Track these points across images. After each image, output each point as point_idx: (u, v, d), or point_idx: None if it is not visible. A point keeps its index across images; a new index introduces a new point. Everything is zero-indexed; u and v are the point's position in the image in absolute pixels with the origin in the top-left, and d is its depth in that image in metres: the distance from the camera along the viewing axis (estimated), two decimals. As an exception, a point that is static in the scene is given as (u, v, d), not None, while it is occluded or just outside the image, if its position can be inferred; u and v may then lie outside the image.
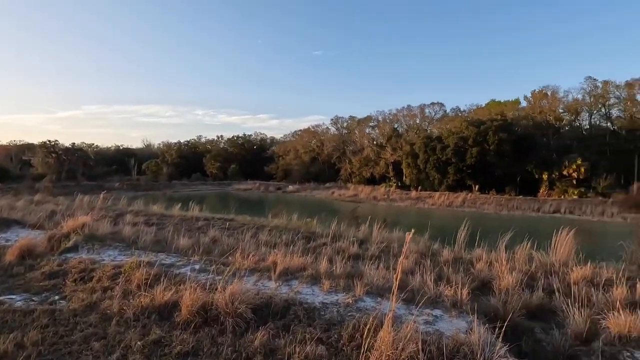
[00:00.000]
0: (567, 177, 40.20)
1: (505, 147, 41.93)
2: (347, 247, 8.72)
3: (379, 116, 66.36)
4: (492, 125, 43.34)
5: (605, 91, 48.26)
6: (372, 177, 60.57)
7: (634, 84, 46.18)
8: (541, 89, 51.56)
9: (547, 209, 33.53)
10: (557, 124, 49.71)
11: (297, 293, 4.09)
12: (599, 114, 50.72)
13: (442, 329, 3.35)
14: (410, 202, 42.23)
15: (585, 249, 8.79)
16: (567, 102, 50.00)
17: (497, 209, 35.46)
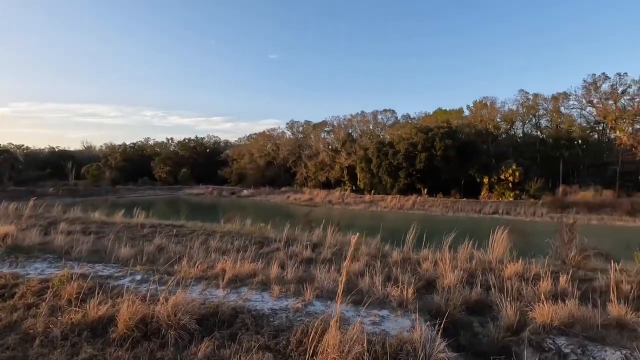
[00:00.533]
0: (504, 180, 43.74)
1: (451, 152, 44.67)
2: (301, 252, 8.71)
3: (334, 121, 67.52)
4: (438, 132, 45.98)
5: (535, 103, 53.43)
6: (328, 181, 61.29)
7: (558, 97, 51.65)
8: (481, 99, 55.84)
9: (487, 210, 36.20)
10: (495, 132, 54.02)
11: (246, 300, 3.99)
12: (530, 124, 56.03)
13: (388, 328, 3.45)
14: (364, 206, 43.33)
15: (518, 247, 9.60)
16: (504, 112, 54.62)
17: (443, 210, 37.59)
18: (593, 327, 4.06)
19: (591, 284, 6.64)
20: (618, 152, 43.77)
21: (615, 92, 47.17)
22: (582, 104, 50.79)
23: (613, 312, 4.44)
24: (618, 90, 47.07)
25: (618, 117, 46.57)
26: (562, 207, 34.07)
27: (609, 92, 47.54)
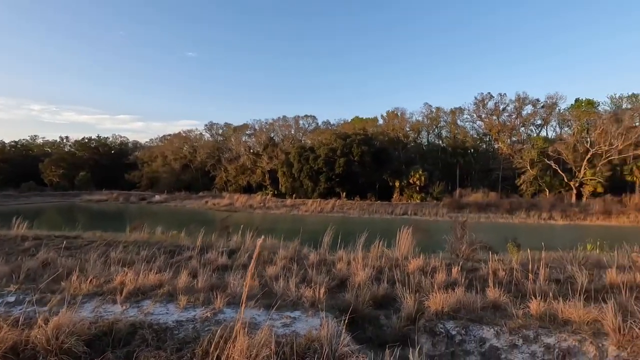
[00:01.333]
0: (412, 184, 48.12)
1: (367, 158, 47.59)
2: (216, 259, 8.36)
3: (255, 125, 66.57)
4: (356, 138, 48.63)
5: (438, 116, 60.15)
6: (249, 186, 60.04)
7: (455, 111, 58.95)
8: (393, 110, 60.80)
9: (398, 211, 39.38)
10: (405, 140, 59.24)
11: (148, 314, 3.68)
12: (434, 134, 62.82)
13: (298, 329, 3.51)
14: (285, 210, 43.46)
15: (422, 244, 10.63)
16: (412, 123, 60.30)
17: (360, 213, 39.75)
18: (475, 310, 4.71)
19: (476, 273, 7.68)
20: (500, 160, 51.64)
21: (497, 110, 55.72)
22: (474, 118, 58.90)
23: (490, 296, 5.21)
24: (500, 107, 55.72)
25: (500, 131, 55.06)
26: (458, 207, 38.81)
27: (493, 109, 55.97)
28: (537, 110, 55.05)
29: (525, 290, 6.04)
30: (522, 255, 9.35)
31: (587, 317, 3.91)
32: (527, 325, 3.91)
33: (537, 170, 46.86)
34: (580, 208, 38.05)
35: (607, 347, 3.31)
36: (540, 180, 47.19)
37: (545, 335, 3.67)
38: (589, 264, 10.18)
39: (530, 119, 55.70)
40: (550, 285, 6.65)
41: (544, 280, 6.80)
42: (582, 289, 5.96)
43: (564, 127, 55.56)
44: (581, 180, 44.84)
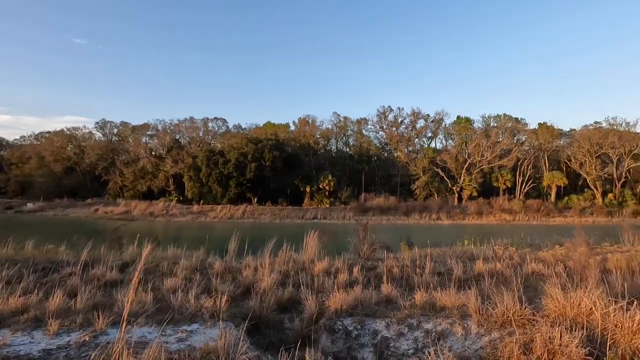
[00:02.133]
0: (322, 189, 49.99)
1: (278, 163, 47.81)
2: (104, 274, 7.39)
3: (158, 125, 61.26)
4: (267, 143, 48.49)
5: (345, 125, 63.83)
6: (150, 191, 54.77)
7: (361, 121, 63.40)
8: (305, 117, 62.44)
9: (308, 216, 40.42)
10: (315, 147, 61.28)
11: (4, 347, 3.07)
12: (342, 141, 66.41)
13: (195, 342, 3.34)
14: (192, 217, 40.84)
15: (329, 247, 11.10)
16: (322, 130, 62.79)
17: (272, 218, 39.64)
18: (370, 305, 5.11)
19: (375, 271, 8.34)
20: (399, 167, 57.22)
21: (397, 122, 61.76)
22: (377, 129, 64.17)
23: (384, 291, 5.72)
24: (399, 120, 61.86)
25: (398, 141, 61.06)
26: (363, 210, 41.65)
27: (393, 122, 61.87)
28: (428, 124, 62.78)
29: (414, 284, 6.79)
30: (413, 253, 10.49)
31: (457, 302, 4.59)
32: (412, 314, 4.40)
33: (428, 176, 53.24)
34: (460, 209, 44.43)
35: (471, 326, 3.94)
36: (430, 185, 53.68)
37: (425, 321, 4.18)
38: (464, 257, 11.90)
39: (422, 131, 63.15)
40: (434, 277, 7.60)
41: (429, 274, 7.74)
42: (456, 279, 6.97)
43: (449, 139, 64.46)
44: (461, 186, 52.46)
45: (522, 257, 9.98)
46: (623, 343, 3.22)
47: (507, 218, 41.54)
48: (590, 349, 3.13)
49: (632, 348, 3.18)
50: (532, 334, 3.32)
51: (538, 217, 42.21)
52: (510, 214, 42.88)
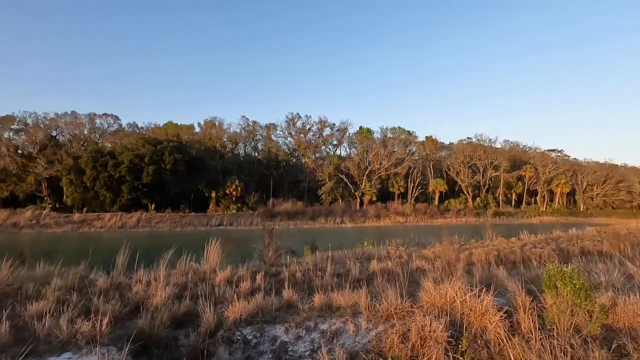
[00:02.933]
0: (229, 195, 48.30)
1: (180, 167, 44.56)
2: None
3: (27, 118, 51.25)
4: (168, 145, 44.80)
5: (254, 129, 63.04)
6: (14, 197, 45.40)
7: (270, 127, 63.40)
8: (211, 119, 59.68)
9: (214, 223, 38.57)
10: (222, 151, 58.99)
11: None
12: (250, 146, 65.38)
13: (65, 374, 2.92)
14: (72, 227, 35.14)
15: (233, 254, 10.80)
16: (230, 134, 60.84)
17: (172, 226, 36.63)
18: (271, 312, 5.16)
19: (279, 277, 8.43)
20: (306, 173, 58.86)
21: (305, 129, 63.55)
22: (285, 135, 64.96)
23: (285, 297, 5.84)
24: (306, 127, 63.74)
25: (306, 147, 62.86)
26: (271, 216, 41.58)
27: (301, 128, 63.50)
28: (334, 133, 66.16)
29: (315, 287, 7.07)
30: (317, 257, 10.92)
31: (351, 301, 4.96)
32: (309, 317, 4.60)
33: (333, 182, 55.98)
34: (362, 213, 47.80)
35: (361, 323, 4.30)
36: (335, 190, 56.53)
37: (321, 323, 4.41)
38: (362, 257, 12.86)
39: (329, 139, 66.27)
40: (334, 279, 8.05)
41: (329, 276, 8.17)
42: (352, 279, 7.51)
43: (352, 148, 68.92)
44: (362, 191, 56.55)
45: (409, 255, 11.28)
46: (475, 323, 3.92)
47: (401, 220, 46.26)
48: (452, 331, 3.73)
49: (481, 327, 3.89)
50: (409, 324, 3.80)
51: (425, 219, 48.06)
52: (403, 216, 47.84)
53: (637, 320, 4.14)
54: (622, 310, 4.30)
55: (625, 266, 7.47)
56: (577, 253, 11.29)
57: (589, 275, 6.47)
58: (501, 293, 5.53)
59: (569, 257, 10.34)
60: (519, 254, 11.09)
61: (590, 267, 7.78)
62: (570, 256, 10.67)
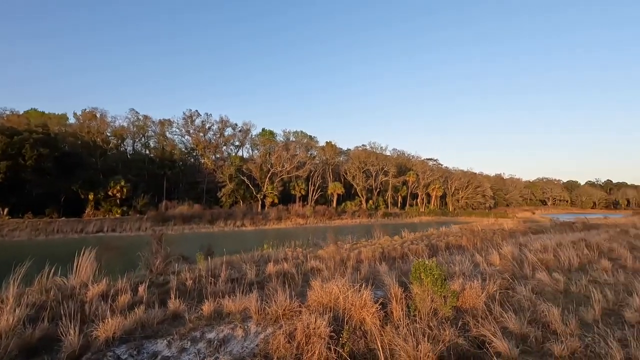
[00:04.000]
0: (112, 196, 42.55)
1: (47, 163, 37.46)
2: None
3: None
4: (30, 137, 37.18)
5: (145, 124, 56.99)
6: None
7: (164, 123, 58.19)
8: (91, 109, 51.71)
9: (91, 229, 33.47)
10: (104, 146, 51.67)
11: None
12: (140, 142, 58.84)
13: None
14: None
15: (112, 264, 9.54)
16: (115, 128, 53.69)
17: (32, 234, 30.48)
18: (153, 326, 4.75)
19: (167, 286, 7.80)
20: (205, 174, 55.75)
21: (204, 127, 60.20)
22: (182, 132, 60.46)
23: (171, 307, 5.44)
24: (206, 126, 60.48)
25: (205, 147, 59.62)
26: (164, 220, 38.13)
27: (200, 127, 59.96)
28: (236, 133, 64.31)
29: (206, 294, 6.76)
30: (211, 262, 10.44)
31: (242, 306, 4.91)
32: (196, 327, 4.38)
33: (234, 184, 54.32)
34: (263, 215, 47.52)
35: (251, 327, 4.29)
36: (236, 193, 54.96)
37: (209, 331, 4.25)
38: (261, 260, 12.80)
39: (230, 139, 64.09)
40: (228, 284, 7.82)
41: (223, 281, 7.91)
42: (247, 283, 7.43)
43: (255, 150, 68.05)
44: (264, 193, 56.29)
45: (305, 256, 11.68)
46: (356, 316, 4.30)
47: (301, 222, 47.50)
48: (334, 326, 4.01)
49: (360, 319, 4.28)
50: (296, 324, 3.95)
51: (324, 220, 50.33)
52: (303, 218, 49.21)
53: (478, 301, 5.11)
54: (468, 294, 5.25)
55: (475, 257, 9.12)
56: (443, 247, 13.31)
57: (448, 266, 7.70)
58: (381, 287, 6.18)
59: (437, 251, 12.15)
60: (399, 250, 12.52)
61: (451, 259, 9.26)
62: (438, 250, 12.54)
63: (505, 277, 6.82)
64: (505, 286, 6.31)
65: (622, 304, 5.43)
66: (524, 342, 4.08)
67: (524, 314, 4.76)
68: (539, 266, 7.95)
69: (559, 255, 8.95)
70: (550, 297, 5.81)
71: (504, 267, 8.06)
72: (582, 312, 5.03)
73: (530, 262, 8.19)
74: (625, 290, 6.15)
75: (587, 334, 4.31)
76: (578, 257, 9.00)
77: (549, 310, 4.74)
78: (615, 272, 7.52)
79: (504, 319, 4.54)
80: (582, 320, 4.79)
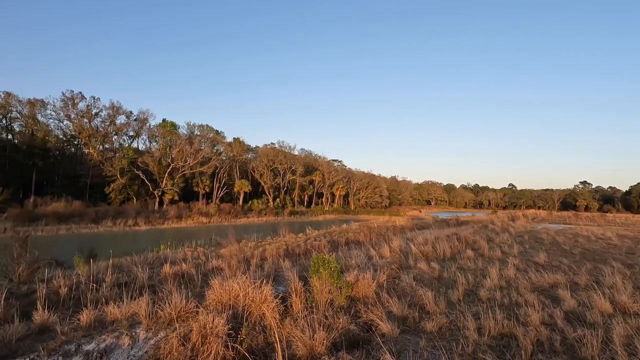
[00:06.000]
0: (-46, 190, 33.85)
1: None
2: None
3: None
4: None
5: (8, 103, 46.83)
6: None
7: (35, 103, 48.70)
8: None
9: None
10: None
11: None
12: (1, 125, 48.12)
13: None
14: None
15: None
16: (-39, 103, 42.76)
17: None
18: (10, 344, 4.00)
19: (33, 296, 6.62)
20: (90, 166, 48.53)
21: (90, 113, 52.30)
22: (60, 116, 51.44)
23: (38, 320, 4.65)
24: (92, 111, 52.65)
25: (91, 135, 51.89)
26: (31, 219, 31.95)
27: (85, 112, 51.92)
28: (130, 122, 57.53)
29: (87, 302, 5.96)
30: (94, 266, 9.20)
31: (130, 312, 4.48)
32: (70, 339, 3.84)
33: (126, 179, 48.55)
34: (161, 214, 43.61)
35: (139, 333, 3.95)
36: (129, 188, 49.23)
37: (86, 343, 3.77)
38: (156, 262, 11.79)
39: (123, 128, 56.99)
40: (114, 289, 7.02)
41: (108, 287, 7.07)
42: (137, 287, 6.79)
43: (153, 142, 61.89)
44: (163, 190, 51.71)
45: (206, 255, 11.17)
46: (255, 312, 4.32)
47: (205, 221, 45.02)
48: (233, 324, 3.96)
49: (260, 314, 4.31)
50: (192, 325, 3.79)
51: (229, 219, 48.62)
52: (207, 216, 46.72)
53: (369, 290, 5.63)
54: (361, 284, 5.75)
55: (369, 251, 9.99)
56: (343, 243, 14.21)
57: (346, 260, 8.28)
58: (282, 282, 6.31)
59: (337, 247, 12.93)
60: (302, 247, 12.93)
61: (349, 253, 9.96)
62: (339, 246, 13.35)
63: (393, 268, 7.64)
64: (393, 276, 7.08)
65: (479, 285, 6.61)
66: (404, 322, 4.66)
67: (406, 299, 5.43)
68: (420, 257, 9.13)
69: (436, 247, 10.40)
70: (427, 283, 6.74)
71: (393, 259, 9.02)
72: (450, 294, 5.97)
73: (414, 253, 9.34)
74: (482, 274, 7.49)
75: (452, 311, 5.13)
76: (450, 248, 10.60)
77: (425, 294, 5.50)
78: (476, 260, 9.10)
79: (390, 304, 5.10)
80: (449, 300, 5.69)
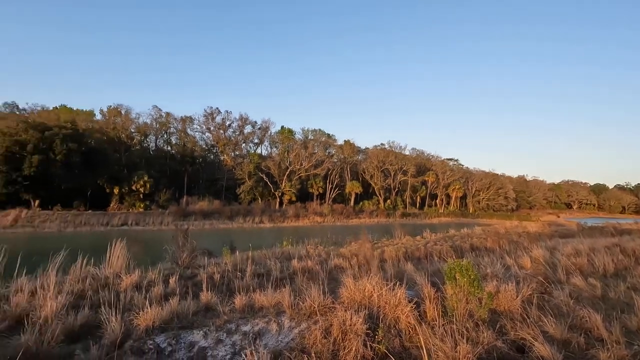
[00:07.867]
0: (135, 191, 43.80)
1: (75, 158, 38.87)
2: None
3: None
4: (60, 132, 38.66)
5: (167, 121, 58.31)
6: None
7: (186, 120, 59.39)
8: (116, 106, 53.34)
9: (116, 222, 34.57)
10: (128, 142, 53.20)
11: None
12: (163, 139, 60.27)
13: None
14: None
15: (141, 257, 9.81)
16: (139, 124, 55.17)
17: (62, 226, 31.73)
18: (188, 317, 4.85)
19: (195, 279, 7.97)
20: (225, 171, 56.61)
21: (224, 125, 61.07)
22: (203, 129, 61.54)
23: (204, 300, 5.55)
24: (226, 123, 61.34)
25: (225, 144, 60.51)
26: (184, 215, 38.96)
27: (221, 124, 60.86)
28: (255, 131, 64.98)
29: (235, 288, 6.86)
30: (236, 257, 10.59)
31: (274, 301, 4.95)
32: (230, 319, 4.45)
33: (253, 181, 54.92)
34: (281, 213, 47.85)
35: (284, 321, 4.32)
36: (255, 190, 55.55)
37: (243, 324, 4.30)
38: (283, 257, 12.89)
39: (249, 137, 64.79)
40: (254, 279, 7.92)
41: (250, 276, 8.01)
42: (274, 278, 7.49)
43: (274, 147, 68.58)
44: (282, 191, 56.67)
45: (327, 253, 11.70)
46: (390, 315, 4.26)
47: (319, 220, 47.59)
48: (370, 324, 3.99)
49: (394, 317, 4.24)
50: (331, 320, 3.95)
51: (341, 219, 50.26)
52: (321, 216, 49.28)
53: (513, 304, 4.98)
54: (503, 296, 5.12)
55: (504, 259, 8.89)
56: (468, 249, 13.06)
57: (478, 268, 7.54)
58: (410, 286, 6.10)
59: (462, 253, 11.93)
60: (423, 250, 12.36)
61: (478, 260, 9.06)
62: (463, 251, 12.31)
63: (539, 281, 6.61)
64: (540, 290, 6.13)
65: (668, 312, 5.17)
66: (565, 347, 3.94)
67: (564, 319, 4.60)
68: (572, 271, 7.68)
69: (592, 260, 8.62)
70: (588, 303, 5.60)
71: (536, 270, 7.82)
72: (625, 320, 4.82)
73: (564, 266, 7.92)
74: (669, 298, 5.85)
75: (633, 342, 4.12)
76: (613, 262, 8.64)
77: (590, 316, 4.57)
78: (655, 280, 7.18)
79: (543, 323, 4.40)
80: (625, 327, 4.59)
